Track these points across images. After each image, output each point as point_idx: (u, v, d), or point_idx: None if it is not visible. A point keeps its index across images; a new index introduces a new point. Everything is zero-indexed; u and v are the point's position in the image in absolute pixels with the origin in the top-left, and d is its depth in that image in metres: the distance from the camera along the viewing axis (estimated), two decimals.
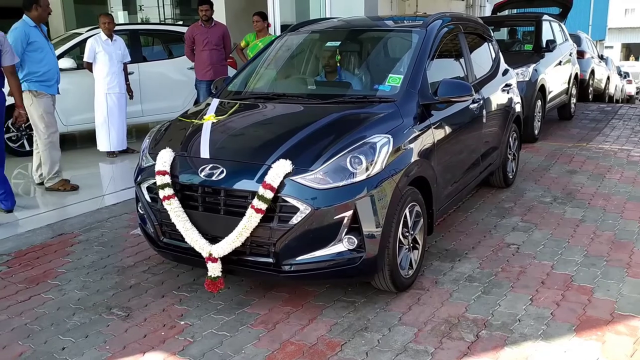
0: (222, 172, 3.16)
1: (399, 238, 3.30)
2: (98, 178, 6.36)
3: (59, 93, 5.70)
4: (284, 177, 3.00)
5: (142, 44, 8.73)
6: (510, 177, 5.67)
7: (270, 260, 3.10)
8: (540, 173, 6.23)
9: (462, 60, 4.65)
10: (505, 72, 5.55)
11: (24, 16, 5.43)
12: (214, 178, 3.15)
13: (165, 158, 3.35)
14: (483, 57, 5.23)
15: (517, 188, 5.67)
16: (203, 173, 3.20)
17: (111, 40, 7.05)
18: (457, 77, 4.43)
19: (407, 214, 3.38)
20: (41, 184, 5.81)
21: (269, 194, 2.95)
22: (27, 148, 7.31)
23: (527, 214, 4.91)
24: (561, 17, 10.21)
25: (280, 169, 3.01)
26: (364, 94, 4.01)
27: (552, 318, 3.16)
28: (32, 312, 3.37)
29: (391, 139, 3.27)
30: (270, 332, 3.08)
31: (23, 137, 7.34)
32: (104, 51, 6.97)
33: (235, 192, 3.12)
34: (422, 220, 3.58)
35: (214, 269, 3.17)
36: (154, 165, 3.38)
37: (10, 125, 7.19)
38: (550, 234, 4.41)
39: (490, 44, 5.47)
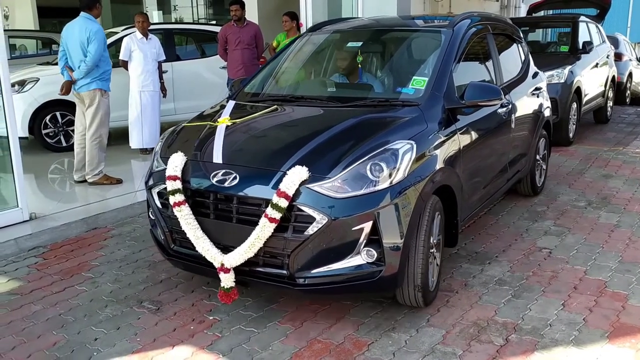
0: (235, 178, 3.01)
1: (425, 250, 3.11)
2: (130, 174, 6.48)
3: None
4: (300, 185, 2.84)
5: (176, 43, 8.87)
6: (539, 184, 5.46)
7: (284, 272, 2.94)
8: (575, 177, 6.11)
9: (490, 62, 4.47)
10: (535, 75, 5.35)
11: (87, 15, 5.59)
12: (226, 184, 3.01)
13: (176, 162, 3.21)
14: (512, 59, 5.04)
15: (550, 192, 5.57)
16: (215, 179, 3.06)
17: (146, 39, 7.18)
18: (485, 80, 4.27)
19: (434, 224, 3.22)
20: (81, 182, 5.93)
21: (284, 203, 2.79)
22: (64, 144, 7.51)
23: (560, 218, 4.82)
24: (598, 18, 9.99)
25: (295, 176, 2.84)
26: (386, 97, 3.82)
27: (584, 324, 3.10)
28: (66, 303, 3.46)
29: (414, 145, 3.09)
30: (297, 329, 3.09)
31: (60, 133, 7.52)
32: (138, 49, 7.09)
33: (249, 199, 2.97)
34: (442, 231, 3.41)
35: (227, 280, 3.04)
36: (165, 169, 3.25)
37: (47, 121, 7.41)
38: (584, 239, 4.32)
39: (519, 45, 5.26)
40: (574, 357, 2.81)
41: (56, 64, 6.60)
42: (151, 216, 3.52)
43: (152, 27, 7.57)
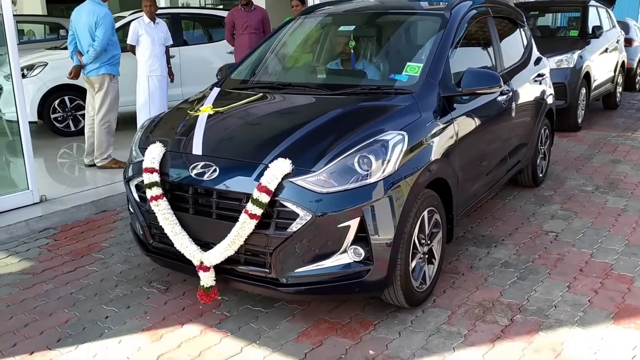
0: (214, 170, 2.84)
1: (414, 249, 2.96)
2: None
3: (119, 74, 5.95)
4: (283, 179, 2.67)
5: (183, 28, 8.86)
6: (541, 175, 5.25)
7: (267, 271, 2.77)
8: (583, 162, 6.10)
9: (490, 47, 4.25)
10: (538, 60, 5.12)
11: None
12: (205, 177, 2.84)
13: (154, 154, 3.03)
14: (514, 44, 4.83)
15: (557, 176, 5.56)
16: (194, 171, 2.89)
17: (154, 23, 7.16)
18: (484, 67, 4.05)
19: (423, 221, 3.03)
20: (91, 166, 5.98)
21: (265, 198, 2.63)
22: (73, 129, 7.57)
23: (567, 202, 4.83)
24: (609, 3, 9.88)
25: (278, 169, 2.67)
26: (378, 84, 3.62)
27: (589, 305, 3.12)
28: (77, 283, 3.52)
29: (406, 136, 2.91)
30: (304, 309, 3.13)
31: (69, 117, 7.57)
32: (146, 34, 7.07)
33: (229, 194, 2.80)
34: (440, 227, 3.22)
35: (207, 279, 2.88)
36: (143, 161, 3.07)
37: (56, 106, 7.46)
38: (591, 223, 4.33)
39: (522, 29, 5.05)
40: (578, 337, 2.83)
41: (64, 48, 6.64)
42: (131, 209, 3.35)
43: (159, 11, 7.55)
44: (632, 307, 3.09)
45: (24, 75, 7.19)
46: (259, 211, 2.64)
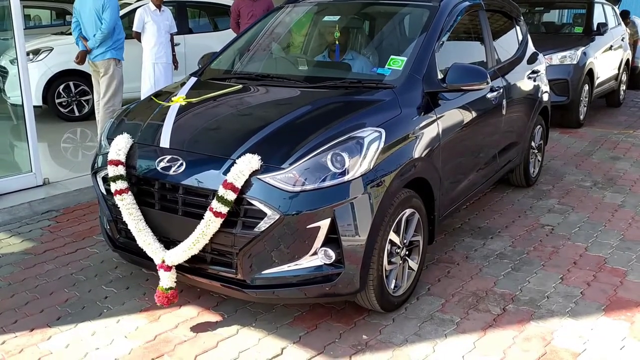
0: (181, 164, 2.73)
1: (389, 251, 2.85)
2: None
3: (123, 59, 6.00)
4: (251, 175, 2.56)
5: (188, 16, 8.89)
6: (533, 175, 5.10)
7: (233, 271, 2.67)
8: (582, 158, 6.12)
9: (481, 42, 4.10)
10: (533, 56, 4.96)
11: None
12: (171, 172, 2.72)
13: (120, 145, 2.91)
14: (507, 39, 4.67)
15: (556, 172, 5.59)
16: (160, 165, 2.78)
17: (159, 10, 7.19)
18: (474, 62, 3.89)
19: (401, 223, 2.91)
20: None
21: (231, 195, 2.52)
22: (77, 114, 7.62)
23: (564, 197, 4.86)
24: (614, 1, 9.86)
25: (245, 165, 2.55)
26: (359, 78, 3.47)
27: (581, 297, 3.17)
28: (78, 264, 3.57)
29: (383, 134, 2.78)
30: None
31: (73, 102, 7.62)
32: (152, 21, 7.11)
33: (195, 189, 2.68)
34: (421, 229, 3.10)
35: (167, 279, 2.76)
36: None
37: (61, 91, 7.50)
38: (587, 217, 4.36)
39: (517, 24, 4.89)
40: (569, 327, 2.88)
41: (70, 33, 6.65)
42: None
43: None
44: (623, 300, 3.14)
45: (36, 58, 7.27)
46: (224, 209, 2.54)
